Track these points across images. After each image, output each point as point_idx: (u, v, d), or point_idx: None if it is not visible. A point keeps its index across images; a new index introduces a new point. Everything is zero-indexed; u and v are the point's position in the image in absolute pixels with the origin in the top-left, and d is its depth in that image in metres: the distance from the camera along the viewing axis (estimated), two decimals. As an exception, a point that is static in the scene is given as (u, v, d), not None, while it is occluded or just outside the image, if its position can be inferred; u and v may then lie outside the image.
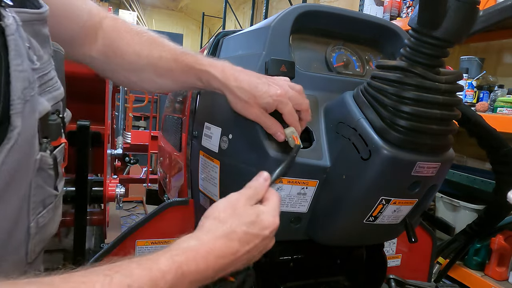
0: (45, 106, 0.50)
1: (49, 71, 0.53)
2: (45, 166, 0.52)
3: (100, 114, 1.66)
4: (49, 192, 0.55)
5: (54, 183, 0.56)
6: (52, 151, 0.53)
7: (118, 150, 2.51)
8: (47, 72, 0.52)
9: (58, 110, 0.56)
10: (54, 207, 0.57)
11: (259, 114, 0.71)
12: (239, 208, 0.60)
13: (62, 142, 0.58)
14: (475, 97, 2.13)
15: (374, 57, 0.95)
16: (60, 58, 0.65)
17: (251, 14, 6.46)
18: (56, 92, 0.55)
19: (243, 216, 0.59)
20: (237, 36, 0.96)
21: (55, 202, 0.57)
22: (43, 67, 0.50)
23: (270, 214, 0.61)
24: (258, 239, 0.59)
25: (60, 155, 0.57)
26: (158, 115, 4.88)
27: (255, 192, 0.63)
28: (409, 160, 0.67)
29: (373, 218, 0.75)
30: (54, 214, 0.58)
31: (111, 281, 0.41)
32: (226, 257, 0.55)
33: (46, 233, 0.56)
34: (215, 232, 0.56)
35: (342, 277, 1.00)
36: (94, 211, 1.90)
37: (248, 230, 0.58)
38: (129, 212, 4.01)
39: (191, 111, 1.02)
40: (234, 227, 0.57)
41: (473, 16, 0.59)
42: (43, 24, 0.52)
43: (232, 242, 0.56)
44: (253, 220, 0.59)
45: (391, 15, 2.80)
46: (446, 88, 0.65)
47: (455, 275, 1.97)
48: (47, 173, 0.53)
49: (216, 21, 9.79)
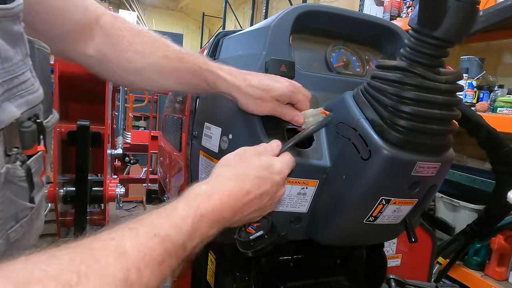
0: (11, 114, 0.45)
1: (22, 73, 0.48)
2: (14, 179, 0.47)
3: (100, 114, 1.66)
4: (23, 205, 0.51)
5: (28, 195, 0.51)
6: (24, 162, 0.49)
7: (118, 150, 2.51)
8: (18, 74, 0.47)
9: (36, 114, 0.52)
10: (30, 220, 0.53)
11: (274, 106, 0.73)
12: (248, 157, 0.61)
13: (39, 150, 0.53)
14: (475, 97, 2.13)
15: (374, 57, 0.95)
16: (43, 56, 0.60)
17: (251, 14, 6.46)
18: (31, 96, 0.50)
19: (252, 161, 0.60)
20: (237, 36, 0.96)
21: (31, 215, 0.53)
22: (12, 69, 0.46)
23: (279, 161, 0.62)
24: (268, 184, 0.59)
25: (37, 164, 0.52)
26: (158, 115, 4.87)
27: (265, 149, 0.64)
28: (409, 160, 0.67)
29: (373, 218, 0.75)
30: (30, 227, 0.53)
31: (137, 234, 0.43)
32: (238, 197, 0.56)
33: (20, 248, 0.52)
34: (225, 174, 0.58)
35: (342, 277, 1.00)
36: (94, 211, 1.90)
37: (258, 174, 0.59)
38: (129, 212, 4.01)
39: (191, 111, 1.02)
40: (244, 170, 0.58)
41: (473, 16, 0.59)
42: (14, 21, 0.47)
43: (243, 183, 0.57)
44: (262, 165, 0.60)
45: (391, 15, 2.80)
46: (446, 88, 0.65)
47: (455, 275, 1.97)
48: (19, 186, 0.49)
49: (216, 21, 9.79)
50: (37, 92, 0.52)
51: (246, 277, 0.95)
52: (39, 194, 0.55)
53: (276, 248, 0.95)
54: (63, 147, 1.59)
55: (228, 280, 0.95)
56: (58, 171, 1.54)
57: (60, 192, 1.57)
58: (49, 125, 0.61)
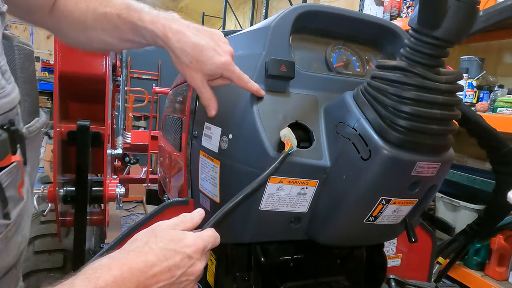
0: None
1: None
2: None
3: (100, 114, 1.65)
4: None
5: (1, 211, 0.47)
6: None
7: (118, 150, 2.51)
8: None
9: (11, 120, 0.47)
10: (5, 237, 0.48)
11: (198, 81, 0.70)
12: (158, 230, 0.56)
13: (13, 161, 0.47)
14: (475, 97, 2.13)
15: (374, 57, 0.95)
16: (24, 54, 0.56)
17: (251, 14, 6.45)
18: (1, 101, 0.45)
19: (161, 234, 0.55)
20: (237, 36, 0.96)
21: (6, 232, 0.48)
22: None
23: (194, 235, 0.57)
24: (177, 257, 0.54)
25: (10, 176, 0.47)
26: (158, 115, 4.87)
27: (182, 220, 0.60)
28: (409, 160, 0.67)
29: (373, 218, 0.75)
30: (6, 244, 0.49)
31: None
32: (141, 269, 0.51)
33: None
34: (129, 248, 0.54)
35: (342, 277, 1.00)
36: (94, 211, 1.90)
37: (166, 246, 0.54)
38: (129, 212, 4.02)
39: (191, 111, 1.02)
40: (150, 243, 0.54)
41: (473, 16, 0.59)
42: None
43: (147, 255, 0.52)
44: (172, 237, 0.55)
45: (391, 15, 2.80)
46: (446, 88, 0.65)
47: (455, 275, 1.97)
48: None
49: (216, 21, 9.78)
50: (8, 96, 0.46)
51: (246, 277, 0.95)
52: (17, 208, 0.50)
53: (276, 248, 0.95)
54: (63, 147, 1.59)
55: (228, 280, 0.95)
56: (58, 171, 1.54)
57: (60, 192, 1.57)
58: (33, 130, 0.57)
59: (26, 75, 0.57)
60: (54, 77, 1.48)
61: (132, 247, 0.54)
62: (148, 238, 0.55)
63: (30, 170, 0.60)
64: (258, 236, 0.83)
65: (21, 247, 0.56)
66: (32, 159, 0.59)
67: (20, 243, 0.54)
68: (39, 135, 0.63)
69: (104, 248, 0.93)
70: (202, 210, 0.64)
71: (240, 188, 0.66)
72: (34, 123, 0.58)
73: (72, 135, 1.55)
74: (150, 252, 0.53)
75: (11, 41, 0.52)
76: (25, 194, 0.54)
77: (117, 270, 0.49)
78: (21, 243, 0.55)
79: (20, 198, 0.51)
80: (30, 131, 0.57)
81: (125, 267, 0.50)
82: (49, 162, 3.86)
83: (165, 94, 2.54)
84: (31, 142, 0.58)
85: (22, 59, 0.56)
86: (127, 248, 0.55)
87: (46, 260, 1.67)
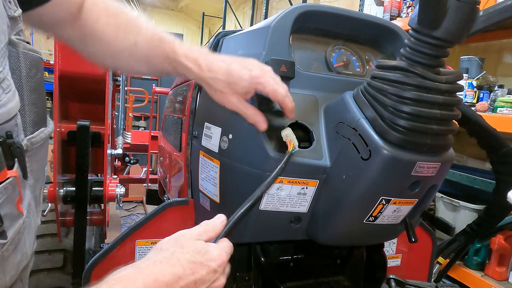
0: None
1: None
2: None
3: (100, 114, 1.65)
4: None
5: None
6: None
7: (118, 150, 2.51)
8: None
9: (8, 132, 0.44)
10: (1, 257, 0.46)
11: (236, 103, 0.69)
12: (183, 240, 0.55)
13: (8, 176, 0.44)
14: (475, 97, 2.13)
15: (374, 57, 0.95)
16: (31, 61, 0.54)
17: (251, 14, 6.45)
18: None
19: (187, 245, 0.54)
20: (237, 36, 0.96)
21: (2, 252, 0.46)
22: None
23: (218, 248, 0.57)
24: (204, 270, 0.53)
25: (6, 193, 0.44)
26: (158, 115, 4.87)
27: (205, 229, 0.59)
28: (409, 160, 0.67)
29: (373, 218, 0.75)
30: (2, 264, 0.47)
31: None
32: (167, 282, 0.49)
33: None
34: (154, 258, 0.52)
35: (342, 277, 1.00)
36: (94, 211, 1.90)
37: (192, 259, 0.53)
38: (129, 212, 4.02)
39: (191, 111, 1.02)
40: (177, 254, 0.52)
41: (473, 16, 0.59)
42: None
43: (174, 267, 0.51)
44: (198, 249, 0.54)
45: (391, 15, 2.80)
46: (446, 88, 0.65)
47: (455, 275, 1.97)
48: None
49: (216, 21, 9.79)
50: (4, 107, 0.43)
51: (246, 277, 0.95)
52: (15, 226, 0.48)
53: (276, 248, 0.95)
54: (63, 147, 1.59)
55: (228, 280, 0.95)
56: (58, 171, 1.54)
57: (60, 192, 1.57)
58: (36, 141, 0.55)
59: (32, 84, 0.55)
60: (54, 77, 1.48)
61: (158, 257, 0.52)
62: (174, 249, 0.54)
63: (34, 182, 0.57)
64: (258, 236, 0.83)
65: (21, 265, 0.53)
66: (35, 171, 0.57)
67: (19, 262, 0.52)
68: (45, 146, 0.60)
69: (104, 248, 0.93)
70: (224, 216, 0.62)
71: (240, 188, 0.66)
72: (38, 134, 0.56)
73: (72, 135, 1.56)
74: (177, 264, 0.51)
75: (17, 47, 0.50)
76: (25, 209, 0.51)
77: (140, 283, 0.47)
78: (21, 262, 0.53)
79: (18, 215, 0.48)
80: (33, 142, 0.54)
81: (150, 280, 0.48)
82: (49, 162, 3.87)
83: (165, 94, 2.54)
84: (35, 154, 0.56)
85: (28, 66, 0.54)
86: (153, 257, 0.53)
87: (46, 260, 1.67)
